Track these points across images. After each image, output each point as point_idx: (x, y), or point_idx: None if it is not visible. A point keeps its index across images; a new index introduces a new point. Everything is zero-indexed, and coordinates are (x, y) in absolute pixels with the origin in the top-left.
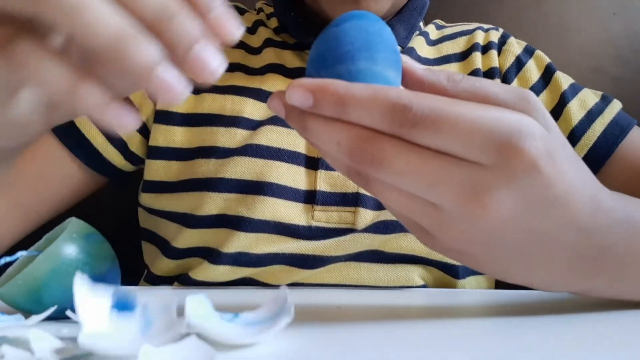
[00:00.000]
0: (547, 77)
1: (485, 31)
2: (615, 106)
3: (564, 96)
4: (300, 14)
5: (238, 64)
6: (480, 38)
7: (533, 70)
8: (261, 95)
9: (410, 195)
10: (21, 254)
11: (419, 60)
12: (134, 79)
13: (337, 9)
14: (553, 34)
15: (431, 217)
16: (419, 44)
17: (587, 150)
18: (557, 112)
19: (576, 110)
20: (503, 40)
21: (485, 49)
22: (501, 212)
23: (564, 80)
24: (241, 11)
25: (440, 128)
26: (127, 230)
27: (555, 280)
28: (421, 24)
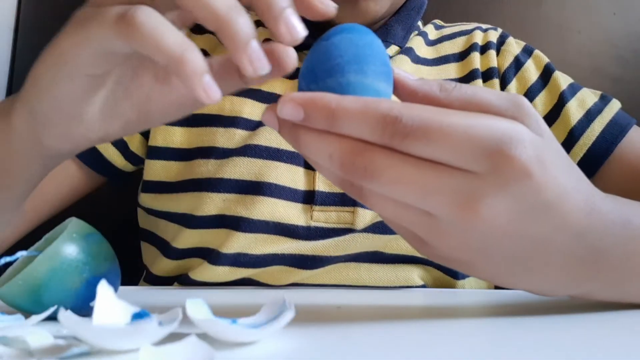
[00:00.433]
0: (546, 77)
1: (484, 31)
2: (615, 106)
3: (562, 96)
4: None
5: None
6: (478, 38)
7: (532, 70)
8: (260, 96)
9: (404, 205)
10: (21, 254)
11: (418, 60)
12: (231, 49)
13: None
14: (553, 34)
15: (426, 226)
16: (417, 44)
17: (586, 149)
18: (555, 112)
19: (575, 110)
20: (502, 40)
21: (484, 49)
22: (495, 219)
23: (562, 80)
24: None
25: (431, 138)
26: (127, 230)
27: (553, 284)
28: (420, 24)
